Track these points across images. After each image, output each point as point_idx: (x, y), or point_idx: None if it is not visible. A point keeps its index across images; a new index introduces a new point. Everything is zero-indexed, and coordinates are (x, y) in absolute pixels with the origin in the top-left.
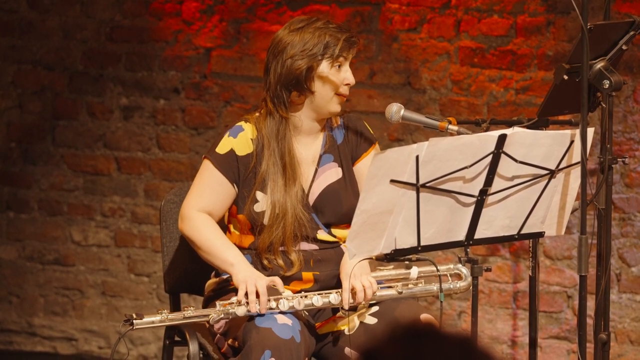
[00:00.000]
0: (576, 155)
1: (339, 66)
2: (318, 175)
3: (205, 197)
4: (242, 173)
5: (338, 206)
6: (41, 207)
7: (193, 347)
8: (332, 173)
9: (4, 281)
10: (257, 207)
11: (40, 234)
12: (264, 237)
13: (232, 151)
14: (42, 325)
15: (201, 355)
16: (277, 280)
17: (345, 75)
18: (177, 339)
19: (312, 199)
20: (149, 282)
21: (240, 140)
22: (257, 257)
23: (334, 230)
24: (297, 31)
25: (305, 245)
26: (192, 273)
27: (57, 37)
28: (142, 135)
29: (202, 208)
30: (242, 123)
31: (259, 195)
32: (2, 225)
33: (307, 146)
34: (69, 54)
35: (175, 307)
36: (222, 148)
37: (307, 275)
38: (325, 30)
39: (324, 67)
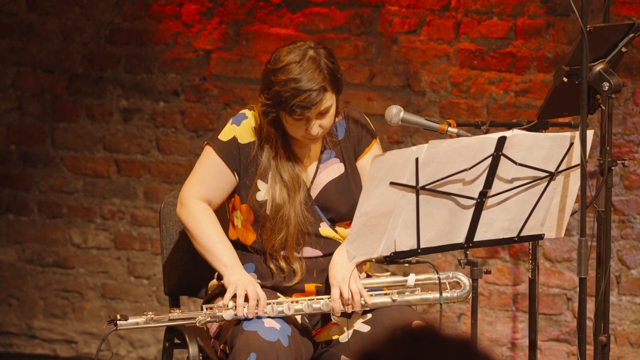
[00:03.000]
0: (576, 158)
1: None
2: (320, 171)
3: (205, 184)
4: (243, 162)
5: (341, 202)
6: (41, 210)
7: (193, 349)
8: (335, 169)
9: (4, 283)
10: (259, 196)
11: (39, 236)
12: (267, 242)
13: (234, 139)
14: (42, 328)
15: (201, 358)
16: (262, 296)
17: (308, 128)
18: (176, 341)
19: (314, 193)
20: (148, 285)
21: (243, 128)
22: (261, 262)
23: (338, 228)
24: (272, 73)
25: (309, 251)
26: (191, 275)
27: (57, 39)
28: (142, 138)
29: (202, 195)
30: (246, 111)
31: (260, 184)
32: (2, 227)
33: (308, 145)
34: (69, 56)
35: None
36: (225, 135)
37: (310, 287)
38: (286, 86)
39: (286, 117)
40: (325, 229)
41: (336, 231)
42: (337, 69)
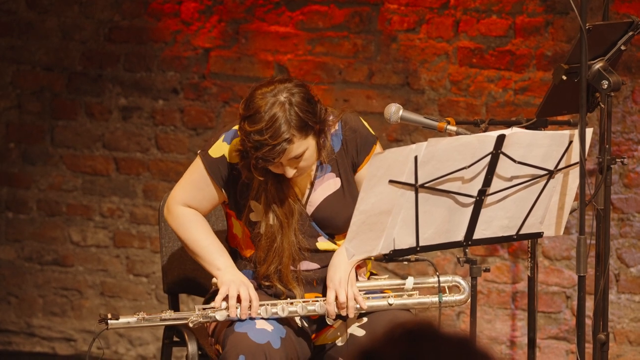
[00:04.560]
0: (575, 156)
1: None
2: (315, 188)
3: (192, 194)
4: (233, 180)
5: (338, 218)
6: (40, 208)
7: (192, 347)
8: (330, 184)
9: (3, 282)
10: (253, 217)
11: (39, 234)
12: (261, 268)
13: (223, 157)
14: (41, 326)
15: (199, 356)
16: (254, 297)
17: (283, 171)
18: (175, 339)
19: (310, 210)
20: (147, 283)
21: (233, 147)
22: (259, 276)
23: (338, 241)
24: (242, 119)
25: (306, 264)
26: (191, 273)
27: (56, 37)
28: (141, 136)
29: (188, 203)
30: (237, 127)
31: (254, 204)
32: (1, 225)
33: None
34: (68, 54)
35: (174, 307)
36: (215, 152)
37: (310, 296)
38: (249, 137)
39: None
40: (323, 243)
41: (335, 243)
42: (311, 116)
